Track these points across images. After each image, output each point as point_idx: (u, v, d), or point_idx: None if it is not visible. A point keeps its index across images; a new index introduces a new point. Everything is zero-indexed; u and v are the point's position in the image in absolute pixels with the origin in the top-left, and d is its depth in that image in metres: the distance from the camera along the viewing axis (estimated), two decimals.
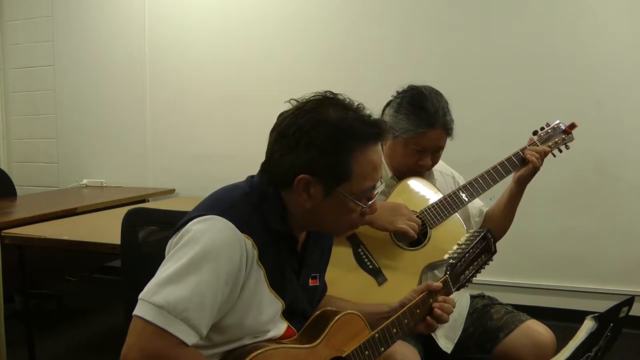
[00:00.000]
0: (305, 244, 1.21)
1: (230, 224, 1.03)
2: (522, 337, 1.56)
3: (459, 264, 1.32)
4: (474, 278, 1.38)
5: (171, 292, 0.96)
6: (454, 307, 1.28)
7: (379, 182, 1.14)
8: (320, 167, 1.05)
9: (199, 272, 0.98)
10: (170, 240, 1.08)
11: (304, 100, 1.10)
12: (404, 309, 1.23)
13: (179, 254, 1.01)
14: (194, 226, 1.03)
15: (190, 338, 0.97)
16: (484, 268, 1.40)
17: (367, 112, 1.11)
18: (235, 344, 1.08)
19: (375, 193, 1.14)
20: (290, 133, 1.06)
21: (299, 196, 1.08)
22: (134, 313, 0.97)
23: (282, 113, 1.11)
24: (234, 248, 1.01)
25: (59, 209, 2.95)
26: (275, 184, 1.11)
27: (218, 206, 1.06)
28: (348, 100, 1.11)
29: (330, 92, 1.12)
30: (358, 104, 1.11)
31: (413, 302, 1.24)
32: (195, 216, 1.05)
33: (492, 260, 1.41)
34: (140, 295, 0.98)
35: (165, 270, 1.00)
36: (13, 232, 2.40)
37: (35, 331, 2.68)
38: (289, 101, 1.12)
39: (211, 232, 1.01)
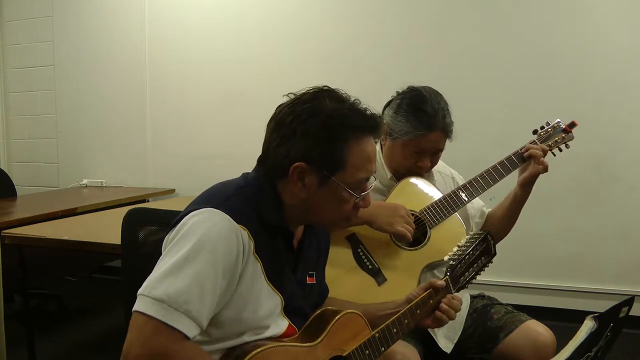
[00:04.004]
0: (301, 240, 1.22)
1: (226, 215, 1.03)
2: (522, 337, 1.56)
3: (458, 265, 1.32)
4: (473, 280, 1.39)
5: (170, 284, 0.96)
6: (461, 304, 1.29)
7: (373, 178, 1.15)
8: (315, 155, 1.07)
9: (197, 263, 0.98)
10: (166, 237, 1.09)
11: (302, 92, 1.13)
12: (410, 305, 1.24)
13: (176, 247, 1.01)
14: (190, 220, 1.04)
15: (192, 331, 0.97)
16: (484, 270, 1.41)
17: (363, 106, 1.13)
18: (234, 340, 1.08)
19: (369, 186, 1.15)
20: (287, 122, 1.08)
21: (293, 186, 1.09)
22: (133, 309, 0.97)
23: (280, 105, 1.13)
24: (230, 239, 1.02)
25: (59, 209, 2.95)
26: (271, 176, 1.12)
27: (213, 200, 1.07)
28: (345, 94, 1.14)
29: (327, 86, 1.15)
30: (355, 99, 1.14)
31: (418, 299, 1.25)
32: (191, 210, 1.06)
33: (491, 262, 1.42)
34: (140, 291, 0.98)
35: (163, 264, 1.00)
36: (13, 232, 2.40)
37: (35, 331, 2.68)
38: (287, 95, 1.14)
39: (207, 224, 1.02)
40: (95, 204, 3.27)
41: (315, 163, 1.07)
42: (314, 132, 1.06)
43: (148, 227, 1.46)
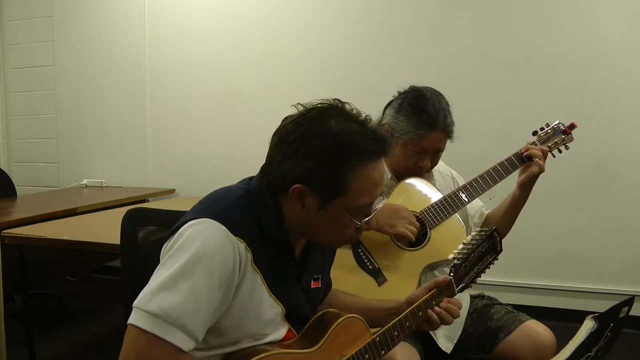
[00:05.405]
0: (306, 247, 1.20)
1: (223, 227, 1.01)
2: (522, 337, 1.56)
3: (463, 264, 1.29)
4: (478, 278, 1.36)
5: (165, 299, 0.95)
6: (460, 309, 1.27)
7: (380, 197, 1.10)
8: (316, 178, 1.02)
9: (193, 277, 0.97)
10: (164, 245, 1.07)
11: (310, 106, 1.08)
12: (412, 307, 1.22)
13: (171, 260, 1.00)
14: (187, 230, 1.02)
15: (186, 344, 0.96)
16: (489, 268, 1.37)
17: (373, 126, 1.08)
18: (233, 347, 1.07)
19: (374, 209, 1.10)
20: (290, 140, 1.03)
21: (293, 205, 1.06)
22: (128, 322, 0.96)
23: (286, 117, 1.09)
24: (226, 252, 1.00)
25: (59, 209, 2.95)
26: (273, 189, 1.09)
27: (212, 209, 1.05)
28: (355, 110, 1.08)
29: (339, 100, 1.10)
30: (365, 117, 1.08)
31: (420, 300, 1.23)
32: (188, 220, 1.04)
33: (497, 259, 1.38)
34: (134, 303, 0.97)
35: (158, 276, 0.99)
36: (13, 232, 2.40)
37: (35, 331, 2.68)
38: (295, 105, 1.09)
39: (203, 237, 1.00)
40: (95, 204, 3.27)
41: (316, 186, 1.03)
42: (317, 154, 1.01)
43: (148, 227, 1.46)
